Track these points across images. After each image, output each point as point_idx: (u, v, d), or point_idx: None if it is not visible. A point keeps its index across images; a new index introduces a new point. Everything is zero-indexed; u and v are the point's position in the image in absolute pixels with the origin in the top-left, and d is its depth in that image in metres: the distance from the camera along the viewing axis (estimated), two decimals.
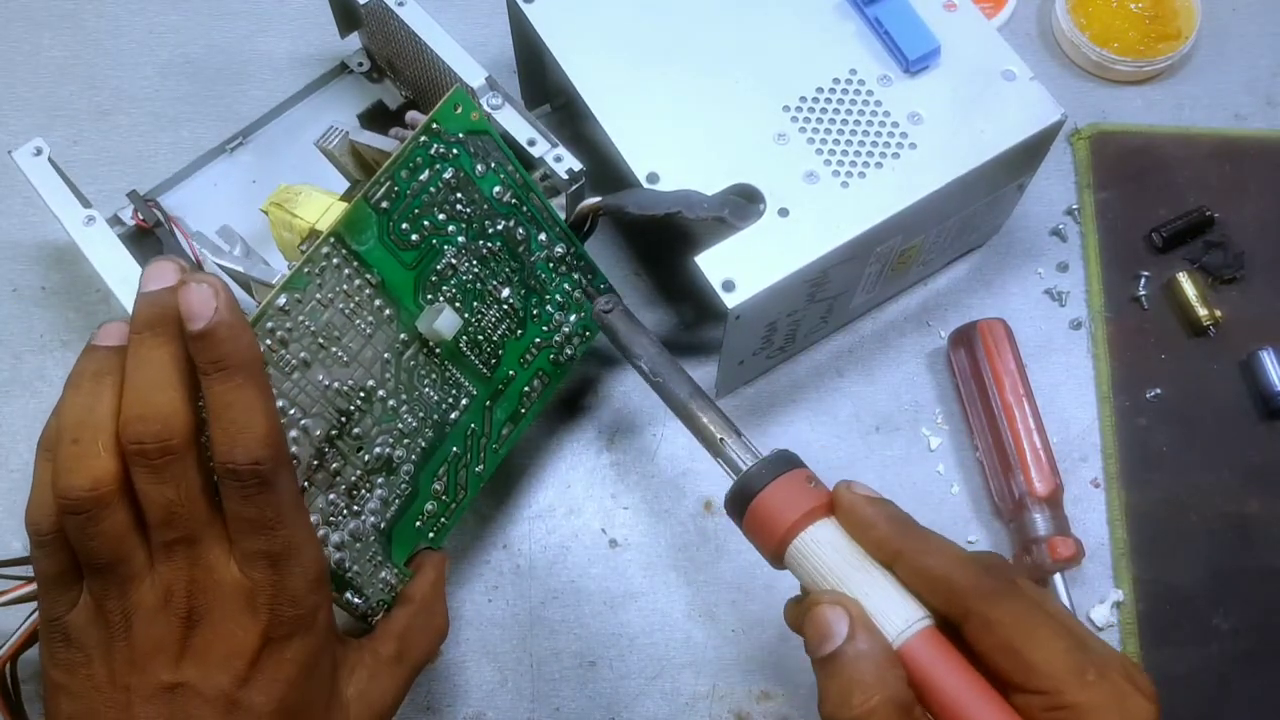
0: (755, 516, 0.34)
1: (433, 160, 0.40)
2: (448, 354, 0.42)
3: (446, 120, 0.40)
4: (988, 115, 0.45)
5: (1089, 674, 0.29)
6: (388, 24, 0.50)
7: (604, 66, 0.47)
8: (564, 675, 0.47)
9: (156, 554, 0.31)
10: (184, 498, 0.31)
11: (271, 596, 0.32)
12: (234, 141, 0.55)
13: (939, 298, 0.54)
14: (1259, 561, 0.48)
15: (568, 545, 0.49)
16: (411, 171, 0.39)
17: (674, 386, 0.39)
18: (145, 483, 0.31)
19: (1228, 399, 0.51)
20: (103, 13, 0.61)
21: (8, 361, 0.53)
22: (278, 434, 0.32)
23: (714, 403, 0.38)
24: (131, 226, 0.50)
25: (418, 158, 0.39)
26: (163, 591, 0.31)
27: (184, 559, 0.31)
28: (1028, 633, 0.30)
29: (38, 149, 0.47)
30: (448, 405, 0.42)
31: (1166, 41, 0.59)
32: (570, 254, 0.45)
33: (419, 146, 0.39)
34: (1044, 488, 0.47)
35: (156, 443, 0.30)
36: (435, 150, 0.40)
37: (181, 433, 0.31)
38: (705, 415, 0.38)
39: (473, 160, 0.41)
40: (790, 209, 0.44)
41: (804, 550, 0.33)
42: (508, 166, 0.42)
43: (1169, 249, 0.54)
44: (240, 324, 0.32)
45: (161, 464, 0.30)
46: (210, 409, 0.31)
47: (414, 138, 0.39)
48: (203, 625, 0.32)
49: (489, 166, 0.41)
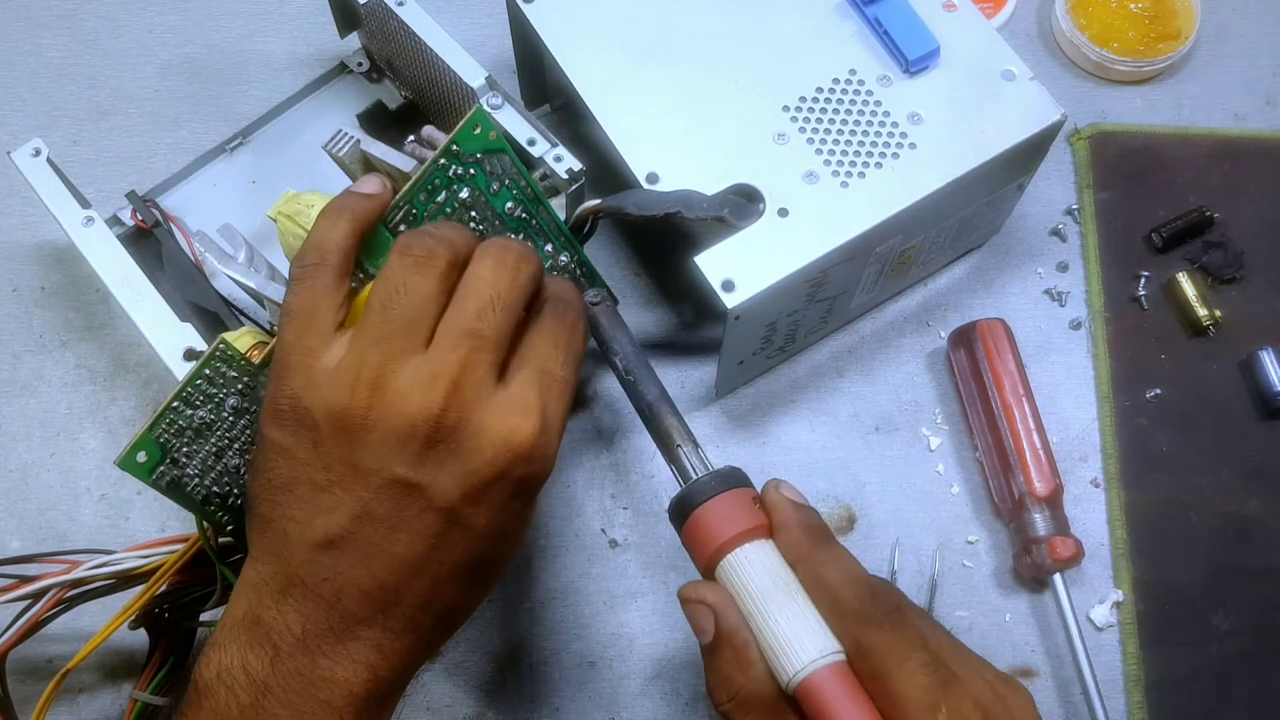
0: (694, 527, 0.34)
1: (450, 182, 0.40)
2: None
3: (466, 142, 0.40)
4: (987, 115, 0.45)
5: (940, 713, 0.29)
6: (387, 24, 0.50)
7: (604, 66, 0.47)
8: (564, 675, 0.47)
9: (441, 338, 0.33)
10: (501, 292, 0.34)
11: (538, 420, 0.33)
12: (233, 142, 0.55)
13: (939, 298, 0.54)
14: (1259, 561, 0.48)
15: (568, 546, 0.49)
16: (429, 194, 0.40)
17: (643, 387, 0.39)
18: (475, 269, 0.34)
19: (1227, 399, 0.51)
20: (102, 13, 0.61)
21: (7, 361, 0.53)
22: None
23: (678, 412, 0.39)
24: (131, 227, 0.50)
25: (436, 180, 0.40)
26: (429, 373, 0.33)
27: (467, 351, 0.33)
28: (895, 664, 0.30)
29: (36, 150, 0.47)
30: None
31: (1166, 41, 0.59)
32: (574, 261, 0.45)
33: (438, 169, 0.40)
34: (1044, 488, 0.47)
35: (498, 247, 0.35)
36: (453, 172, 0.40)
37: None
38: (668, 419, 0.38)
39: (488, 179, 0.41)
40: (790, 209, 0.44)
41: (735, 567, 0.33)
42: (520, 182, 0.42)
43: (1169, 249, 0.54)
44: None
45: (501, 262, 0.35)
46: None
47: (433, 160, 0.39)
48: (456, 430, 0.33)
49: (503, 184, 0.42)
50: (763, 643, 0.32)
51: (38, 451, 0.51)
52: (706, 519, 0.34)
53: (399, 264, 0.34)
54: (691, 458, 0.37)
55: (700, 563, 0.34)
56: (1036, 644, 0.47)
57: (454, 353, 0.33)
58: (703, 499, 0.34)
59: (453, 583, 0.34)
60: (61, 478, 0.50)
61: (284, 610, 0.33)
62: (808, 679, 0.30)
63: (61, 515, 0.50)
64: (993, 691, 0.31)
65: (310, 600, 0.33)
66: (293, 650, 0.32)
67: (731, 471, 0.35)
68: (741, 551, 0.33)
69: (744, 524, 0.33)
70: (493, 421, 0.33)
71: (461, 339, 0.33)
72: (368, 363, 0.33)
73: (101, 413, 0.52)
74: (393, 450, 0.32)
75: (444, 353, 0.33)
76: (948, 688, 0.30)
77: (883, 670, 0.30)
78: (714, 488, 0.34)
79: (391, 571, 0.33)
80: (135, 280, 0.44)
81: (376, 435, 0.32)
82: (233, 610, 0.34)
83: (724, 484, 0.34)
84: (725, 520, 0.33)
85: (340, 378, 0.33)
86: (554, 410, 0.34)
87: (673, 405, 0.39)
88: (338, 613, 0.33)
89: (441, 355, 0.33)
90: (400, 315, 0.33)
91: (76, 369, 0.53)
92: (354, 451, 0.32)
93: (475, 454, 0.32)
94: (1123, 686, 0.47)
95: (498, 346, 0.34)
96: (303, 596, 0.33)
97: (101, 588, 0.42)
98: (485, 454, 0.32)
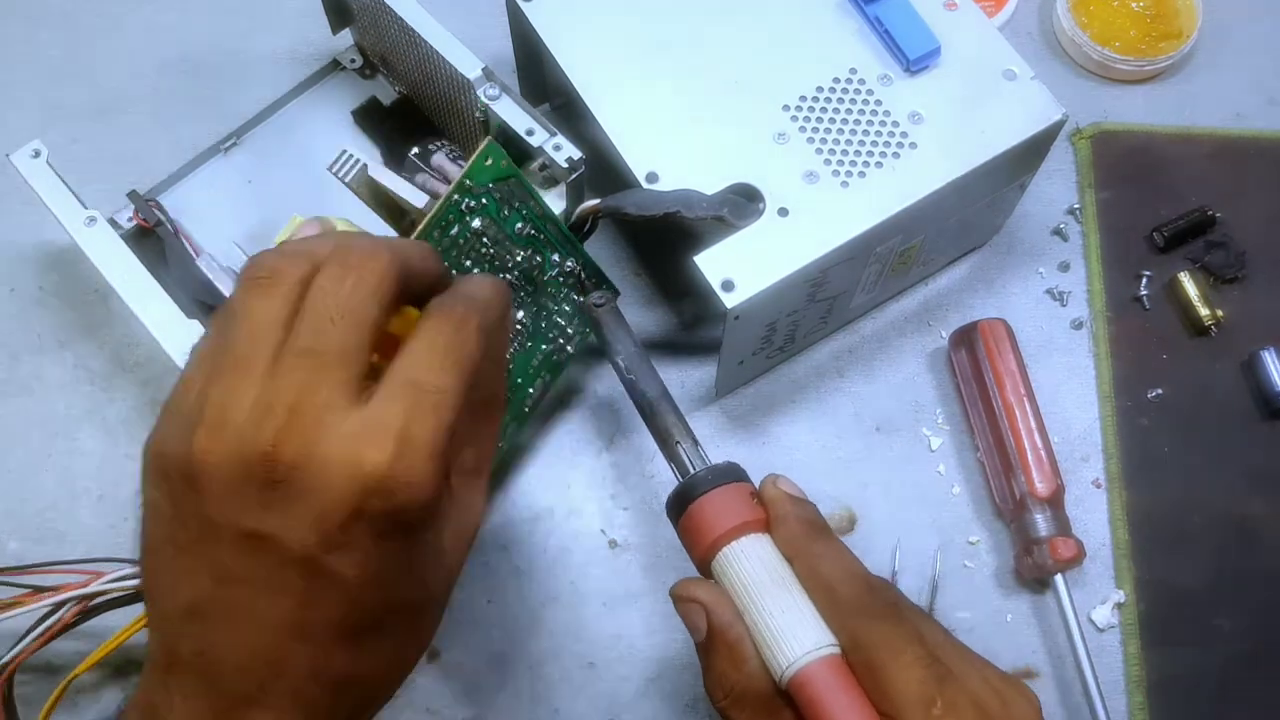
0: (691, 520, 0.34)
1: (462, 215, 0.41)
2: None
3: (478, 175, 0.41)
4: (988, 115, 0.45)
5: (935, 707, 0.29)
6: (380, 18, 0.50)
7: (603, 66, 0.47)
8: (563, 676, 0.47)
9: (278, 364, 0.28)
10: (343, 301, 0.29)
11: (392, 444, 0.28)
12: (228, 141, 0.55)
13: (939, 298, 0.54)
14: (1260, 562, 0.48)
15: (567, 546, 0.49)
16: (443, 229, 0.40)
17: (644, 385, 0.39)
18: (316, 281, 0.29)
19: (1229, 399, 0.51)
20: (101, 11, 0.61)
21: (5, 361, 0.53)
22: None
23: (678, 410, 0.39)
24: (133, 227, 0.50)
25: (449, 216, 0.40)
26: (264, 405, 0.28)
27: (304, 373, 0.28)
28: (890, 657, 0.30)
29: (35, 151, 0.46)
30: None
31: (1168, 40, 0.59)
32: (579, 267, 0.46)
33: (451, 205, 0.40)
34: (1045, 488, 0.47)
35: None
36: (466, 205, 0.40)
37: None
38: (668, 417, 0.38)
39: (499, 206, 0.42)
40: (790, 209, 0.44)
41: (730, 560, 0.33)
42: (530, 202, 0.42)
43: (1170, 249, 0.54)
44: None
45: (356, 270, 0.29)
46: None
47: (447, 197, 0.40)
48: (297, 468, 0.28)
49: (513, 208, 0.42)
50: (757, 637, 0.31)
51: (36, 452, 0.51)
52: (703, 512, 0.34)
53: (239, 288, 0.30)
54: (690, 454, 0.37)
55: (696, 556, 0.34)
56: (1038, 645, 0.47)
57: (289, 377, 0.28)
58: (700, 492, 0.34)
59: (340, 646, 0.29)
60: (60, 478, 0.50)
61: (170, 693, 0.29)
62: (800, 672, 0.30)
63: (60, 516, 0.50)
64: (991, 689, 0.30)
65: (190, 679, 0.29)
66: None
67: (729, 467, 0.35)
68: (738, 544, 0.33)
69: (740, 517, 0.33)
70: (337, 451, 0.27)
71: (297, 360, 0.28)
72: (209, 400, 0.28)
73: (100, 413, 0.52)
74: (234, 498, 0.28)
75: (278, 380, 0.28)
76: (943, 683, 0.30)
77: (878, 663, 0.30)
78: (711, 481, 0.34)
79: (264, 638, 0.29)
80: (140, 279, 0.44)
81: (218, 483, 0.28)
82: (137, 690, 0.31)
83: (721, 478, 0.34)
84: (721, 513, 0.33)
85: (185, 420, 0.29)
86: (421, 428, 0.28)
87: (673, 403, 0.39)
88: (217, 692, 0.29)
89: (276, 383, 0.28)
90: (236, 344, 0.29)
91: (75, 369, 0.52)
92: (202, 504, 0.28)
93: (322, 492, 0.27)
94: (1124, 687, 0.46)
95: (344, 363, 0.28)
96: (183, 674, 0.29)
97: (120, 599, 0.42)
98: (333, 490, 0.27)
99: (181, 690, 0.29)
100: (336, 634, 0.29)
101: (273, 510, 0.28)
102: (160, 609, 0.30)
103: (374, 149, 0.55)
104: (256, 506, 0.28)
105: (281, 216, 0.53)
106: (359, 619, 0.29)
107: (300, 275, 0.29)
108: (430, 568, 0.31)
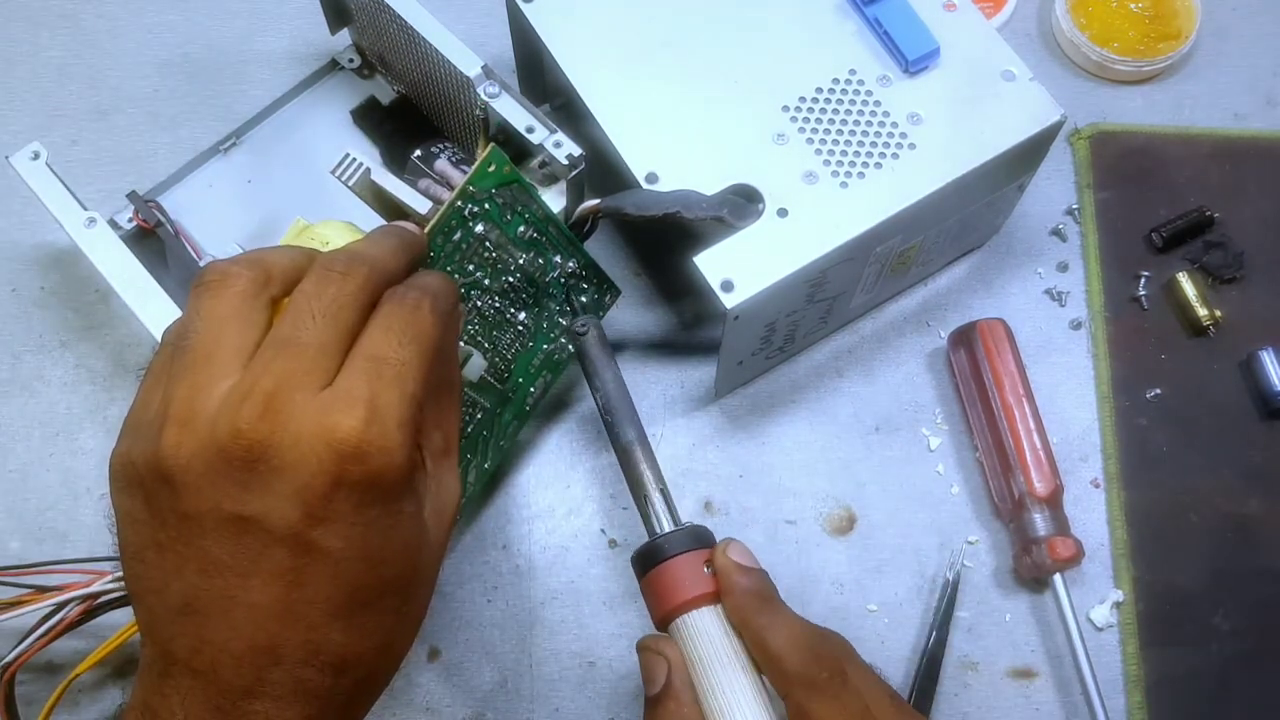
0: (650, 585, 0.36)
1: (465, 221, 0.41)
2: (468, 384, 0.44)
3: (482, 181, 0.41)
4: (987, 115, 0.45)
5: None
6: (378, 18, 0.50)
7: (603, 66, 0.47)
8: (563, 675, 0.47)
9: (256, 355, 0.30)
10: (325, 301, 0.31)
11: (362, 411, 0.29)
12: (227, 142, 0.55)
13: (939, 298, 0.54)
14: (1259, 561, 0.48)
15: (567, 545, 0.49)
16: (446, 235, 0.40)
17: (620, 429, 0.39)
18: (299, 285, 0.31)
19: (1228, 399, 0.51)
20: (101, 12, 0.61)
21: (7, 361, 0.53)
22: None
23: (653, 455, 0.39)
24: (133, 228, 0.50)
25: (453, 221, 0.40)
26: (240, 393, 0.29)
27: (283, 361, 0.29)
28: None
29: (35, 153, 0.46)
30: (464, 422, 0.43)
31: (1166, 41, 0.59)
32: (581, 267, 0.46)
33: (455, 211, 0.40)
34: (1044, 488, 0.47)
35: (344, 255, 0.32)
36: (469, 211, 0.41)
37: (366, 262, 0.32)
38: (643, 464, 0.39)
39: (501, 210, 0.42)
40: (789, 209, 0.44)
41: (683, 632, 0.34)
42: (532, 205, 0.42)
43: (1169, 249, 0.54)
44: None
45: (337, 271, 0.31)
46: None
47: (450, 204, 0.40)
48: (272, 446, 0.29)
49: (516, 212, 0.42)
50: (704, 708, 0.33)
51: (37, 452, 0.51)
52: (661, 580, 0.35)
53: (191, 297, 0.31)
54: (660, 510, 0.37)
55: (655, 618, 0.36)
56: (1036, 644, 0.47)
57: (269, 365, 0.29)
58: (660, 559, 0.35)
59: (333, 625, 0.30)
60: (61, 478, 0.50)
61: (168, 695, 0.29)
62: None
63: (61, 515, 0.50)
64: None
65: (188, 678, 0.29)
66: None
67: (695, 531, 0.36)
68: (690, 618, 0.34)
69: (694, 590, 0.35)
70: (310, 424, 0.28)
71: (277, 350, 0.30)
72: (172, 400, 0.29)
73: (101, 413, 0.52)
74: (214, 485, 0.28)
75: (256, 368, 0.29)
76: None
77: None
78: (669, 551, 0.35)
79: (258, 625, 0.29)
80: (140, 280, 0.44)
81: (194, 474, 0.28)
82: (133, 696, 0.31)
83: (683, 545, 0.35)
84: (677, 585, 0.35)
85: (148, 427, 0.30)
86: (387, 396, 0.29)
87: (648, 449, 0.39)
88: (217, 688, 0.29)
89: (253, 371, 0.29)
90: (198, 344, 0.30)
91: (76, 369, 0.53)
92: (179, 499, 0.29)
93: (300, 465, 0.28)
94: (1123, 687, 0.46)
95: (321, 353, 0.30)
96: (180, 676, 0.29)
97: (123, 598, 0.42)
98: (310, 463, 0.28)
99: (179, 692, 0.29)
100: (328, 612, 0.29)
101: (253, 491, 0.28)
102: (151, 613, 0.30)
103: (373, 149, 0.55)
104: (236, 489, 0.28)
105: (282, 216, 0.53)
106: (349, 595, 0.30)
107: (254, 280, 0.31)
108: (414, 543, 0.32)
